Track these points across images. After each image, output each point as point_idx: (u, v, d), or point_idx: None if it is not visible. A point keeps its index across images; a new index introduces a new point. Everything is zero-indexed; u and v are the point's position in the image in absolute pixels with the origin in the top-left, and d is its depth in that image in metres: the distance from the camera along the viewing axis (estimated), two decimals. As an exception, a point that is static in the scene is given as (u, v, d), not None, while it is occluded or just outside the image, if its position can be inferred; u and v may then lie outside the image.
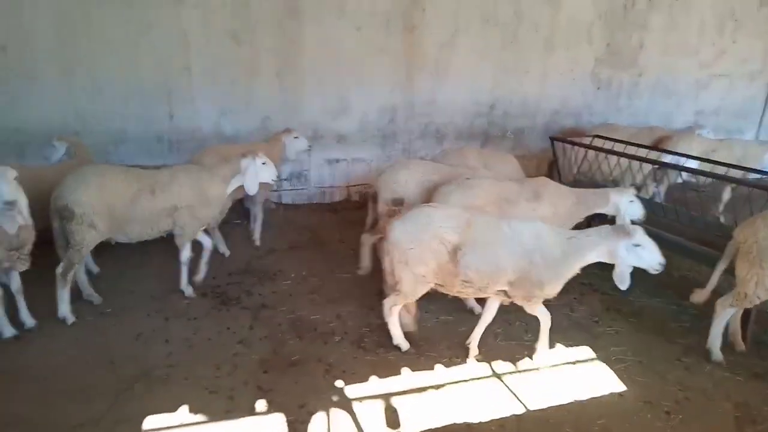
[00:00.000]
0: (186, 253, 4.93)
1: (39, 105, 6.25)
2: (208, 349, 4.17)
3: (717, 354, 4.37)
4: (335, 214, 7.51)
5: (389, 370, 4.07)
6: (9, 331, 4.08)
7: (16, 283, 4.15)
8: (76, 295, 4.69)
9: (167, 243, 4.92)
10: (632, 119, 9.50)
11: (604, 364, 4.32)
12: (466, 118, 8.44)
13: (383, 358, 4.23)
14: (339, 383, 3.86)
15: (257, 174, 4.97)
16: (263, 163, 4.99)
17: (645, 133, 8.29)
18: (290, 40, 7.06)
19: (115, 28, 6.29)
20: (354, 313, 4.85)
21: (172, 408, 3.46)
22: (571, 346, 4.56)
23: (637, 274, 3.85)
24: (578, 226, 4.69)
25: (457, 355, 4.32)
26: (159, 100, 6.71)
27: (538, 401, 3.82)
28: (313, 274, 5.59)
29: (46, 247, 4.38)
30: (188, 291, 4.99)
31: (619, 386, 4.04)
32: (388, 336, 4.51)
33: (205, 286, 5.14)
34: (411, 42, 7.67)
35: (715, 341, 4.39)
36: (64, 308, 4.39)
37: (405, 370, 4.08)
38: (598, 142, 7.02)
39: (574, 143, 6.74)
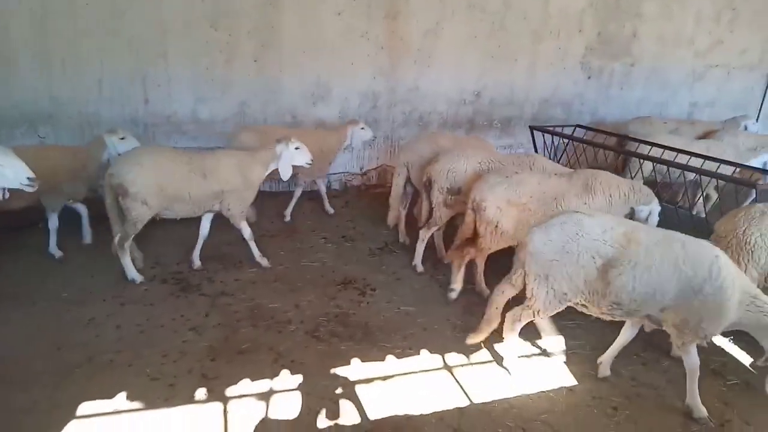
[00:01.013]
0: (247, 231, 5.29)
1: (14, 89, 6.23)
2: (158, 336, 4.15)
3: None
4: (314, 202, 7.45)
5: (339, 360, 4.03)
6: None
7: None
8: (40, 281, 4.72)
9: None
10: (623, 110, 9.35)
11: (559, 358, 4.26)
12: (450, 106, 8.33)
13: (335, 348, 4.19)
14: (285, 372, 3.83)
15: (291, 158, 5.25)
16: (297, 148, 5.24)
17: (686, 127, 8.09)
18: (269, 25, 6.97)
19: (91, 13, 6.23)
20: (313, 303, 4.82)
21: (110, 394, 3.45)
22: (529, 339, 4.49)
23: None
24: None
25: (410, 346, 4.27)
26: (134, 85, 6.67)
27: (484, 394, 3.77)
28: (279, 262, 5.56)
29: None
30: (264, 262, 5.39)
31: (570, 380, 3.99)
32: (344, 325, 4.50)
33: (166, 273, 5.14)
34: (394, 28, 7.56)
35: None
36: (132, 273, 4.88)
37: (355, 361, 4.04)
38: (579, 133, 6.93)
39: (554, 133, 6.62)
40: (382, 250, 6.04)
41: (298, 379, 3.78)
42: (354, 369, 3.96)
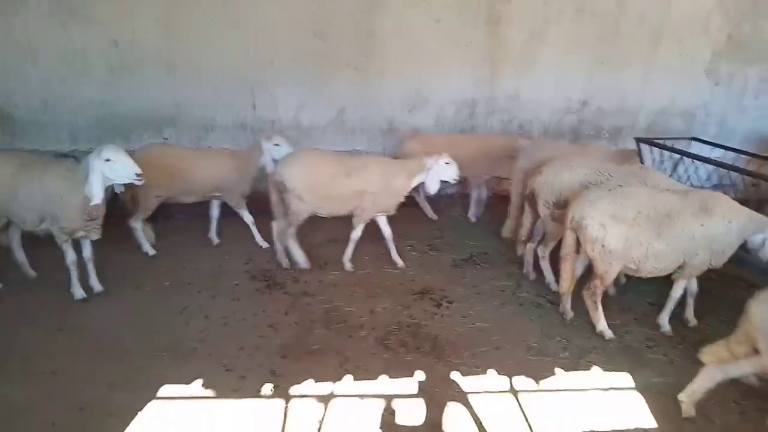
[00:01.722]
0: (357, 233, 5.59)
1: (144, 95, 6.98)
2: (238, 329, 4.46)
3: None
4: (404, 209, 7.46)
5: (403, 370, 4.05)
6: (80, 294, 4.70)
7: (88, 251, 4.75)
8: (147, 269, 5.30)
9: (236, 224, 5.28)
10: (759, 122, 8.35)
11: (641, 395, 3.92)
12: (553, 114, 7.98)
13: (401, 358, 4.22)
14: (348, 377, 3.93)
15: (440, 173, 5.45)
16: (446, 163, 5.40)
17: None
18: (368, 33, 7.15)
19: (210, 25, 6.81)
20: (387, 310, 4.88)
21: (188, 380, 3.77)
22: (610, 370, 4.19)
23: (717, 298, 3.41)
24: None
25: (478, 364, 4.18)
26: (244, 91, 7.17)
27: (549, 426, 3.58)
28: (362, 267, 5.70)
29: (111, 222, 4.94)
30: (399, 261, 5.75)
31: (649, 421, 3.66)
32: (414, 336, 4.51)
33: (256, 270, 5.48)
34: (494, 34, 7.39)
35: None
36: (299, 258, 5.49)
37: (418, 374, 4.04)
38: (695, 147, 6.31)
39: (663, 147, 6.08)
40: (466, 261, 5.95)
41: (360, 385, 3.86)
42: (416, 381, 3.95)
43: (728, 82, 8.16)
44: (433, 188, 5.51)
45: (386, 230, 5.76)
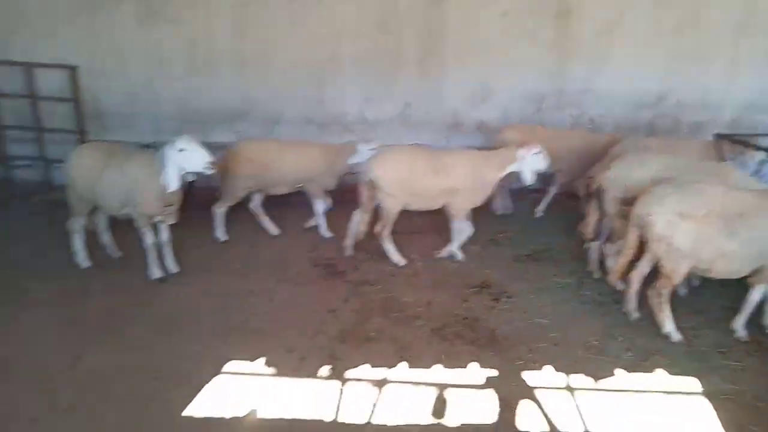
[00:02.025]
0: (465, 228, 5.60)
1: (218, 91, 7.39)
2: (301, 313, 4.64)
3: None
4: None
5: (457, 361, 4.07)
6: (157, 273, 5.05)
7: (165, 235, 5.09)
8: (218, 254, 5.63)
9: (303, 215, 5.49)
10: None
11: (709, 401, 3.73)
12: (626, 109, 7.69)
13: (457, 349, 4.24)
14: (402, 365, 4.01)
15: (532, 164, 5.42)
16: (537, 153, 5.40)
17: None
18: (433, 29, 7.19)
19: (277, 23, 7.09)
20: (445, 302, 4.90)
21: (252, 357, 3.98)
22: (676, 374, 4.01)
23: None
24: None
25: (535, 360, 4.13)
26: (311, 87, 7.41)
27: (606, 426, 3.49)
28: (421, 258, 5.75)
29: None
30: (459, 255, 5.68)
31: (717, 429, 3.48)
32: (470, 329, 4.52)
33: (319, 257, 5.66)
34: (564, 26, 7.22)
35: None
36: (396, 258, 5.57)
37: (473, 365, 4.05)
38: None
39: (747, 144, 5.71)
40: (528, 257, 5.86)
41: (414, 372, 3.93)
42: (469, 373, 3.96)
43: (827, 74, 7.52)
44: (529, 178, 5.45)
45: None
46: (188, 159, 4.62)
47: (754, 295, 4.39)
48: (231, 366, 3.90)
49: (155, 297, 4.82)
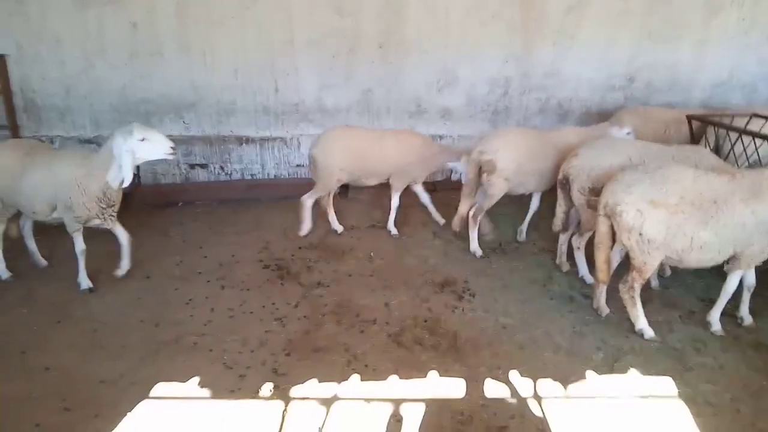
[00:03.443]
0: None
1: (162, 78, 6.83)
2: (244, 323, 4.22)
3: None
4: (433, 194, 7.08)
5: (415, 371, 3.72)
6: (86, 284, 4.57)
7: (124, 238, 4.69)
8: (159, 258, 5.14)
9: (252, 210, 5.06)
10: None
11: (686, 405, 3.44)
12: (595, 92, 7.39)
13: (415, 357, 3.88)
14: (354, 378, 3.63)
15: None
16: (628, 133, 5.30)
17: None
18: (394, 11, 6.73)
19: (225, 5, 6.55)
20: (404, 303, 4.54)
21: (185, 378, 3.55)
22: (650, 375, 3.73)
23: None
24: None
25: (499, 365, 3.79)
26: (264, 74, 6.91)
27: (574, 439, 3.18)
28: (381, 256, 5.38)
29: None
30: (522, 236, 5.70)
31: (695, 439, 3.20)
32: (431, 332, 4.18)
33: (270, 259, 5.24)
34: (529, 7, 6.84)
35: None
36: (475, 245, 5.38)
37: (432, 374, 3.70)
38: (757, 124, 5.63)
39: (719, 125, 5.44)
40: (493, 251, 5.53)
41: (366, 387, 3.55)
42: (428, 384, 3.61)
43: (797, 51, 7.32)
44: None
45: (423, 196, 5.93)
46: (149, 148, 4.27)
47: (731, 284, 4.12)
48: (159, 389, 3.46)
49: (79, 310, 4.32)
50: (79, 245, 4.52)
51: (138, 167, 6.62)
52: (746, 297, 4.24)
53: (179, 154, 7.00)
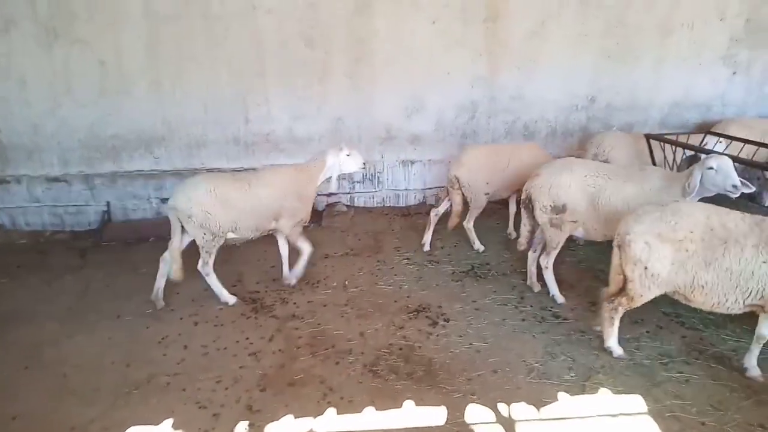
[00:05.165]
0: None
1: (132, 114, 6.82)
2: (218, 360, 4.19)
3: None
4: (407, 219, 7.22)
5: (391, 401, 3.74)
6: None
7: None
8: (130, 295, 5.09)
9: (222, 246, 5.03)
10: (784, 110, 7.82)
11: (654, 421, 3.53)
12: (560, 113, 7.59)
13: (390, 386, 3.90)
14: (330, 411, 3.63)
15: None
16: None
17: None
18: (360, 39, 6.87)
19: (195, 40, 6.61)
20: (379, 332, 4.57)
21: (158, 420, 3.51)
22: (621, 392, 3.81)
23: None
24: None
25: (473, 391, 3.83)
26: (235, 105, 6.96)
27: (548, 461, 3.23)
28: (355, 284, 5.40)
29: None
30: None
31: (662, 455, 3.27)
32: (406, 360, 4.20)
33: (244, 292, 5.23)
34: (493, 33, 7.05)
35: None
36: (554, 292, 5.04)
37: (408, 404, 3.72)
38: (711, 142, 5.87)
39: (676, 143, 5.65)
40: (466, 274, 5.60)
41: (342, 420, 3.56)
42: (404, 413, 3.63)
43: (747, 70, 7.67)
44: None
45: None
46: (349, 162, 5.26)
47: (763, 329, 3.78)
48: (131, 432, 3.43)
49: (49, 355, 4.24)
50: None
51: (108, 203, 6.78)
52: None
53: (150, 188, 7.04)
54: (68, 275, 5.53)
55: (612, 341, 4.20)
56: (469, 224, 6.03)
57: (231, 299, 5.00)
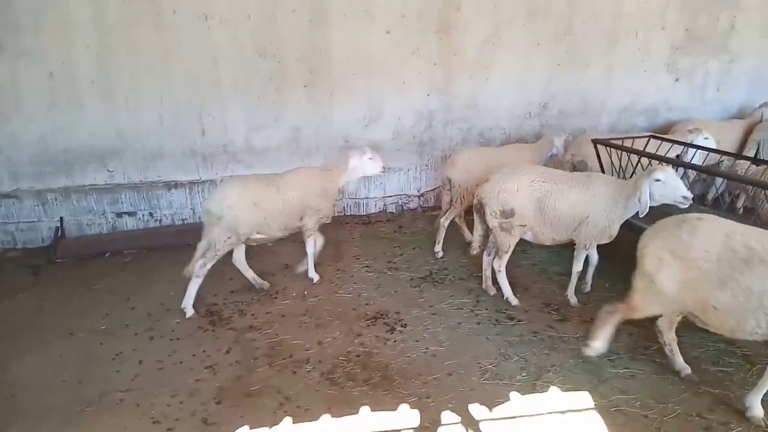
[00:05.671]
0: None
1: (84, 127, 6.69)
2: (173, 374, 4.16)
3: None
4: (367, 227, 7.28)
5: (348, 408, 3.78)
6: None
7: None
8: (84, 312, 5.00)
9: (181, 260, 5.02)
10: (722, 114, 8.25)
11: (600, 415, 3.67)
12: (513, 120, 7.79)
13: (347, 393, 3.95)
14: (286, 420, 3.66)
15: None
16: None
17: (733, 126, 7.23)
18: (317, 49, 6.92)
19: (148, 50, 6.54)
20: (337, 340, 4.61)
21: (110, 437, 3.48)
22: (570, 390, 3.94)
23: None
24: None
25: (429, 394, 3.92)
26: (191, 117, 6.91)
27: (498, 460, 3.32)
28: (314, 293, 5.42)
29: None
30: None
31: (607, 448, 3.40)
32: (363, 367, 4.26)
33: (201, 305, 5.19)
34: (446, 42, 7.20)
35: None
36: (508, 294, 5.18)
37: (364, 409, 3.77)
38: (654, 145, 6.12)
39: (620, 147, 5.87)
40: (424, 280, 5.69)
41: (298, 429, 3.59)
42: (361, 419, 3.68)
43: (689, 76, 8.04)
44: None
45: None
46: (370, 165, 5.71)
47: None
48: (82, 452, 3.38)
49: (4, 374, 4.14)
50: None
51: (61, 219, 6.62)
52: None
53: (105, 202, 6.92)
54: (20, 294, 5.40)
55: (599, 344, 3.98)
56: (446, 222, 6.15)
57: (190, 311, 4.96)
